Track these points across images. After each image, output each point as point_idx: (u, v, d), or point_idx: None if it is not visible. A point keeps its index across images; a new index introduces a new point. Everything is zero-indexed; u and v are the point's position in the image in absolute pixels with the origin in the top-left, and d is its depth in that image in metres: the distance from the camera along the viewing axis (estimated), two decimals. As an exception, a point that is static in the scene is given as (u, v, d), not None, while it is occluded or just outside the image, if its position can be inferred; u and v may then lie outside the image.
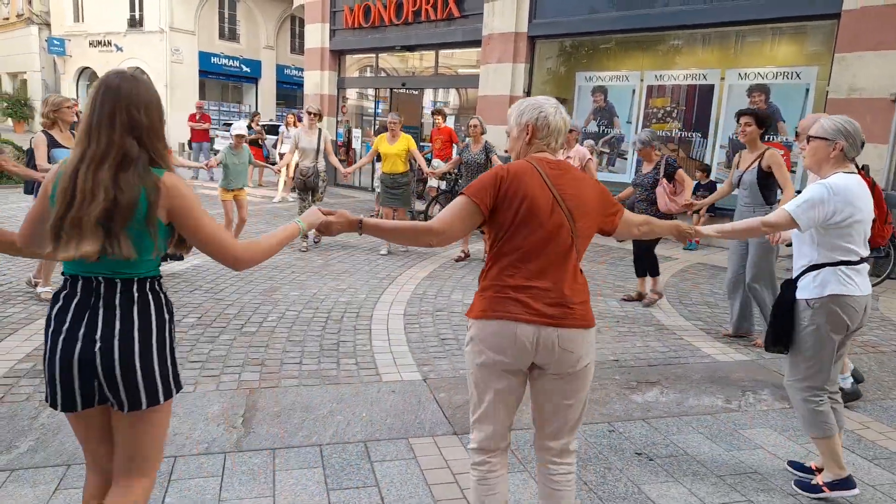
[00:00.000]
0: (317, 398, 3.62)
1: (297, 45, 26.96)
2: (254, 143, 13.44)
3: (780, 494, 2.85)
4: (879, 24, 7.59)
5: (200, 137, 15.49)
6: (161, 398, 1.83)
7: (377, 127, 14.68)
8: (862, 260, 2.71)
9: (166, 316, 1.86)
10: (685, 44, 10.06)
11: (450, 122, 12.26)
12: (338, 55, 15.48)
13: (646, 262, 5.98)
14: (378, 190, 8.83)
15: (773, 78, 8.98)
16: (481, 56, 11.88)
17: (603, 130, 10.84)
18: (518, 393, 2.13)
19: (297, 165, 8.01)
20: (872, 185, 3.63)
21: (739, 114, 4.75)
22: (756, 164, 4.64)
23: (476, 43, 12.04)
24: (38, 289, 5.20)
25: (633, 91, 10.40)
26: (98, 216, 1.67)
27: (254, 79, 26.85)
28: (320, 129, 7.99)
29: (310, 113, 8.05)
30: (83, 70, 26.68)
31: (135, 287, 1.79)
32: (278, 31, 27.36)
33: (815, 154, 2.74)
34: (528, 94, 11.49)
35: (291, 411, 3.44)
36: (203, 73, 24.99)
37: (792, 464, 3.06)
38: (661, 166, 5.65)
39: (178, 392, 1.90)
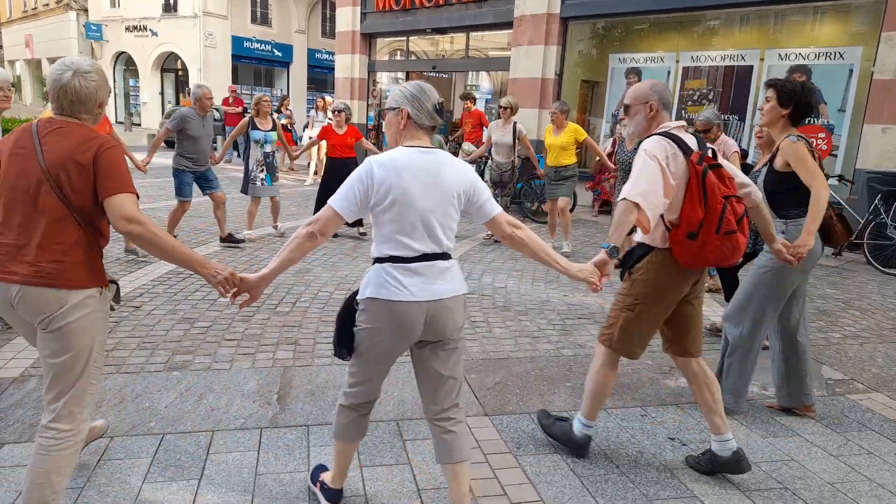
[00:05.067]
0: (349, 377, 3.66)
1: (328, 29, 27.00)
2: (283, 128, 13.52)
3: (818, 483, 2.80)
4: (930, 1, 7.29)
5: (233, 121, 15.62)
6: None
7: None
8: (424, 257, 2.17)
9: None
10: (723, 24, 9.80)
11: (480, 105, 12.18)
12: (368, 38, 15.47)
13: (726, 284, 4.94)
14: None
15: (815, 59, 8.70)
16: (512, 38, 11.75)
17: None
18: (28, 334, 2.20)
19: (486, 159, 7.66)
20: (702, 174, 2.52)
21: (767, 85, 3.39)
22: (769, 161, 3.40)
23: (507, 25, 11.91)
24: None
25: (669, 72, 10.18)
26: None
27: (285, 63, 27.01)
28: (515, 123, 7.42)
29: (501, 107, 7.43)
30: (119, 55, 27.16)
31: None
32: (309, 15, 27.42)
33: (388, 126, 2.34)
34: (559, 76, 11.34)
35: (325, 389, 3.49)
36: (236, 58, 25.21)
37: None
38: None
39: None
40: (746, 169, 8.68)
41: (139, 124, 25.82)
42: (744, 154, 9.03)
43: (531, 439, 3.07)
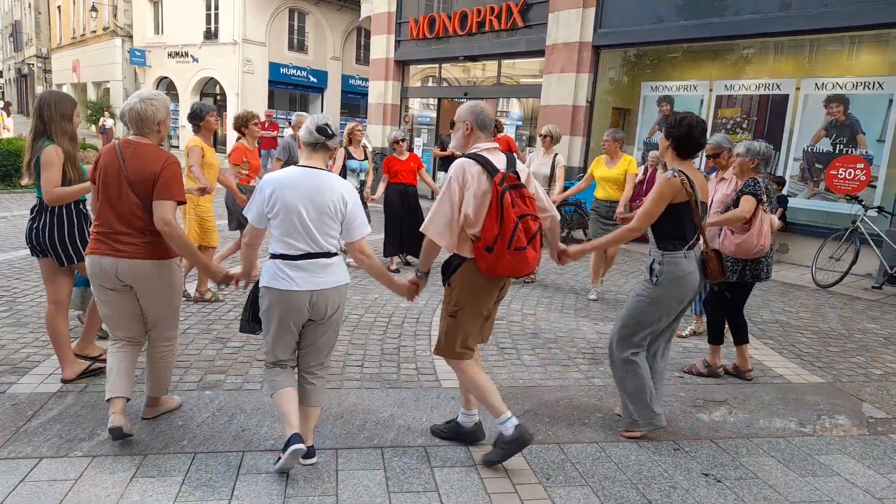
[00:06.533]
0: (378, 401, 3.67)
1: (363, 56, 27.52)
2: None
3: (860, 525, 2.70)
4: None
5: (268, 144, 16.06)
6: (65, 262, 3.60)
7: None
8: (308, 255, 2.78)
9: (74, 219, 3.59)
10: (757, 52, 9.73)
11: (511, 132, 12.23)
12: (402, 65, 15.72)
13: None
14: None
15: (853, 88, 8.57)
16: (544, 66, 11.82)
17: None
18: (122, 303, 3.06)
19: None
20: (501, 194, 2.78)
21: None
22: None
23: (539, 53, 12.01)
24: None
25: (702, 101, 10.12)
26: (28, 161, 3.46)
27: (320, 88, 27.54)
28: (556, 154, 6.75)
29: (542, 135, 6.78)
30: (161, 79, 28.03)
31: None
32: (344, 43, 28.02)
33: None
34: (591, 104, 11.36)
35: (353, 413, 3.50)
36: (272, 83, 25.81)
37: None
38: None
39: (78, 261, 3.59)
40: (783, 200, 8.57)
41: (178, 146, 26.52)
42: (780, 182, 8.91)
43: (561, 470, 3.03)
